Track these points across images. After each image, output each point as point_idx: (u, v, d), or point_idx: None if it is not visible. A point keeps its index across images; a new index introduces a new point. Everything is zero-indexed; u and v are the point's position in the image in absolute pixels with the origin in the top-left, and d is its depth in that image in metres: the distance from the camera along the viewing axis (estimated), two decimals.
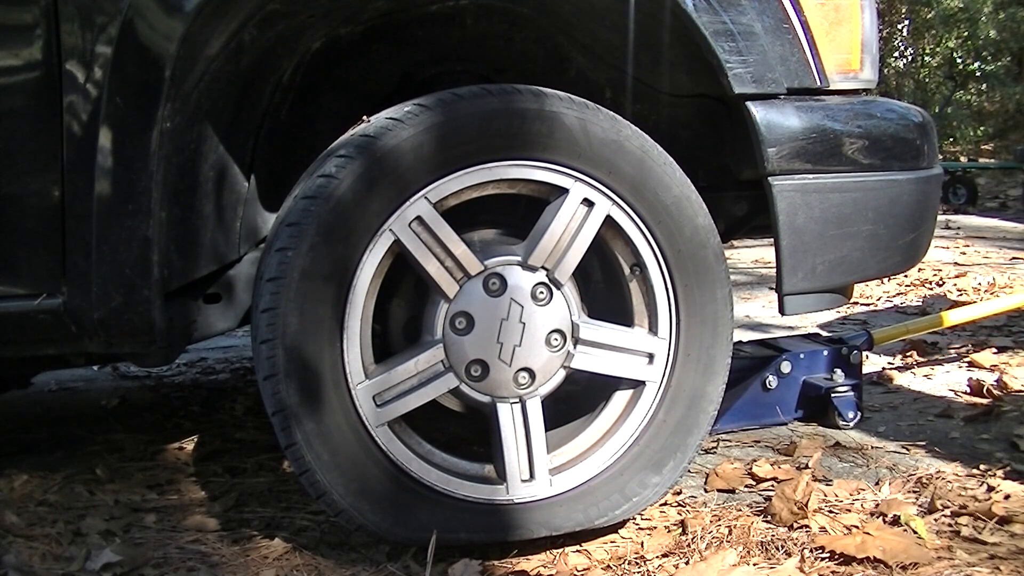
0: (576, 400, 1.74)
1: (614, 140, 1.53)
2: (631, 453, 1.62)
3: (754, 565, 1.52)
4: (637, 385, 1.63)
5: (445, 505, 1.55)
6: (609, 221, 1.57)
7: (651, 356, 1.62)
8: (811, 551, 1.56)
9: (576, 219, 1.55)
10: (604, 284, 1.73)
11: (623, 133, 1.54)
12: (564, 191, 1.54)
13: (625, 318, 1.64)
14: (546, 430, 1.60)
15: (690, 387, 1.63)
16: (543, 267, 1.56)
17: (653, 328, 1.62)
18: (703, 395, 1.63)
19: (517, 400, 1.58)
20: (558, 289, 1.57)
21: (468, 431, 1.82)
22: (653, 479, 1.62)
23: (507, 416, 1.58)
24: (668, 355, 1.62)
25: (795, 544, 1.58)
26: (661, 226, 1.58)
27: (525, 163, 1.52)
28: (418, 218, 1.49)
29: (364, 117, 1.52)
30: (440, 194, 1.50)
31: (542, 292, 1.56)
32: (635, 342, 1.62)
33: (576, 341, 1.59)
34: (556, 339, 1.58)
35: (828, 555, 1.54)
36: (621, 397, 1.64)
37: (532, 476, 1.58)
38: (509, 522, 1.57)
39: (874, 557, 1.51)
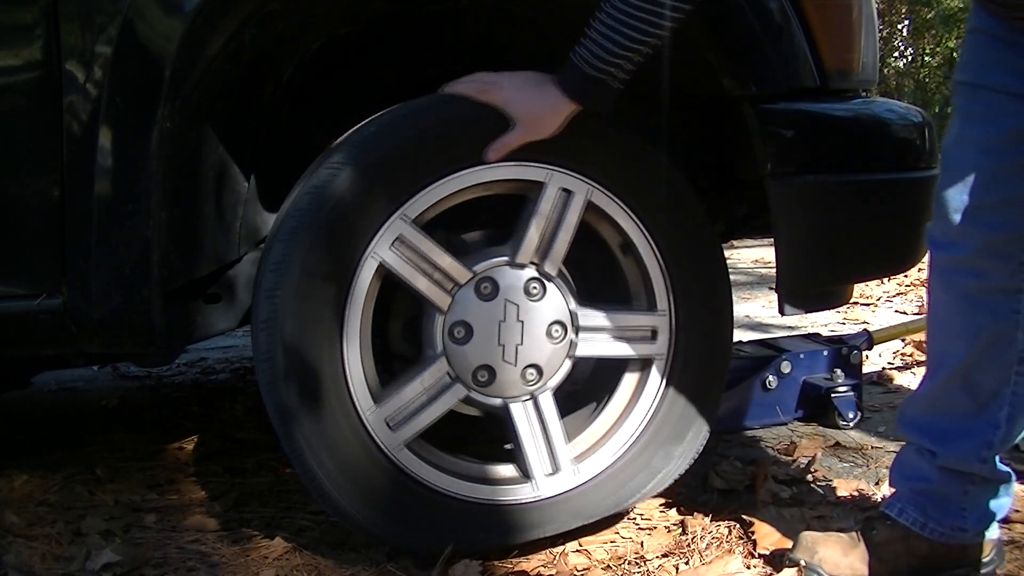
0: (588, 385, 1.74)
1: (582, 127, 1.52)
2: (650, 428, 1.63)
3: (755, 559, 1.53)
4: (646, 361, 1.63)
5: (474, 513, 1.55)
6: (591, 206, 1.56)
7: (654, 331, 1.62)
8: None
9: (557, 210, 1.55)
10: (599, 268, 1.72)
11: (590, 120, 1.53)
12: (541, 184, 1.54)
13: (623, 298, 1.65)
14: (561, 420, 1.61)
15: (697, 353, 1.63)
16: (532, 262, 1.56)
17: (651, 304, 1.62)
18: (712, 359, 1.64)
19: (529, 397, 1.58)
20: (551, 282, 1.57)
21: (492, 433, 1.82)
22: (676, 450, 1.63)
23: (521, 415, 1.58)
24: (670, 327, 1.62)
25: None
26: (642, 203, 1.57)
27: (498, 164, 1.50)
28: (399, 238, 1.49)
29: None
30: (417, 209, 1.49)
31: (535, 287, 1.56)
32: (636, 320, 1.62)
33: (577, 329, 1.59)
34: (557, 331, 1.58)
35: None
36: (631, 375, 1.65)
37: (556, 469, 1.59)
38: (541, 519, 1.58)
39: None
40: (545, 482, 1.59)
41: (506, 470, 1.61)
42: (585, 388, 1.75)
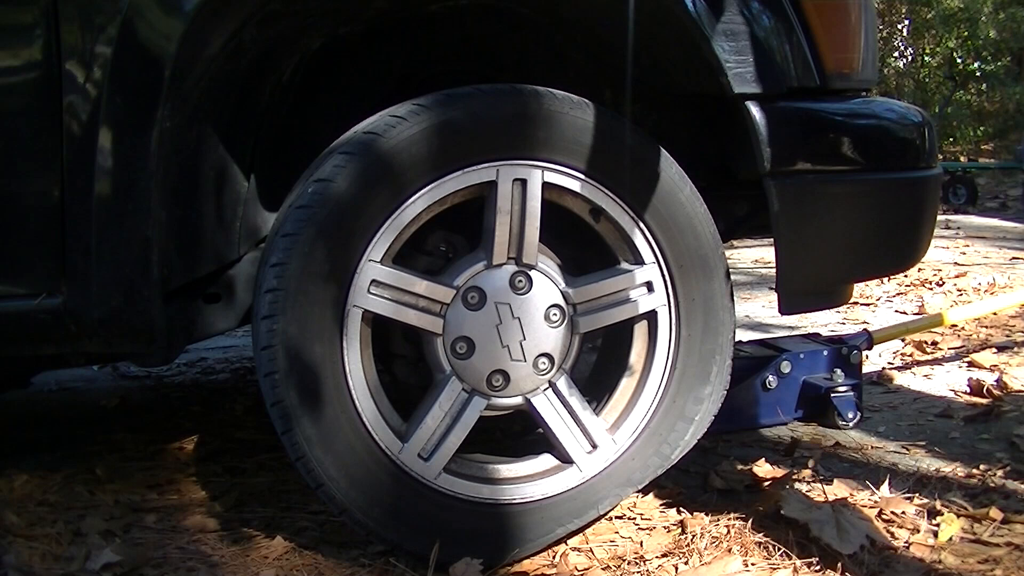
0: (604, 351, 1.74)
1: (517, 114, 1.51)
2: (674, 377, 1.63)
3: (753, 565, 1.53)
4: (652, 314, 1.63)
5: (530, 512, 1.56)
6: (549, 186, 1.55)
7: (649, 284, 1.62)
8: None
9: (517, 202, 1.53)
10: (580, 239, 1.70)
11: (527, 105, 1.52)
12: (494, 183, 1.52)
13: (610, 261, 1.64)
14: (584, 392, 1.61)
15: (698, 293, 1.62)
16: (510, 258, 1.55)
17: (638, 258, 1.61)
18: (713, 295, 1.63)
19: (547, 386, 1.59)
20: (534, 271, 1.56)
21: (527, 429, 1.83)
22: (705, 391, 1.63)
23: (545, 406, 1.59)
24: (663, 274, 1.61)
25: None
26: (597, 167, 1.55)
27: (441, 180, 1.49)
28: (373, 281, 1.49)
29: None
30: (380, 249, 1.49)
31: (520, 281, 1.56)
32: (629, 279, 1.61)
33: (574, 307, 1.59)
34: (555, 314, 1.58)
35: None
36: (641, 332, 1.65)
37: (594, 445, 1.60)
38: (593, 498, 1.60)
39: None
40: (587, 461, 1.59)
41: (545, 461, 1.62)
42: (602, 354, 1.75)
